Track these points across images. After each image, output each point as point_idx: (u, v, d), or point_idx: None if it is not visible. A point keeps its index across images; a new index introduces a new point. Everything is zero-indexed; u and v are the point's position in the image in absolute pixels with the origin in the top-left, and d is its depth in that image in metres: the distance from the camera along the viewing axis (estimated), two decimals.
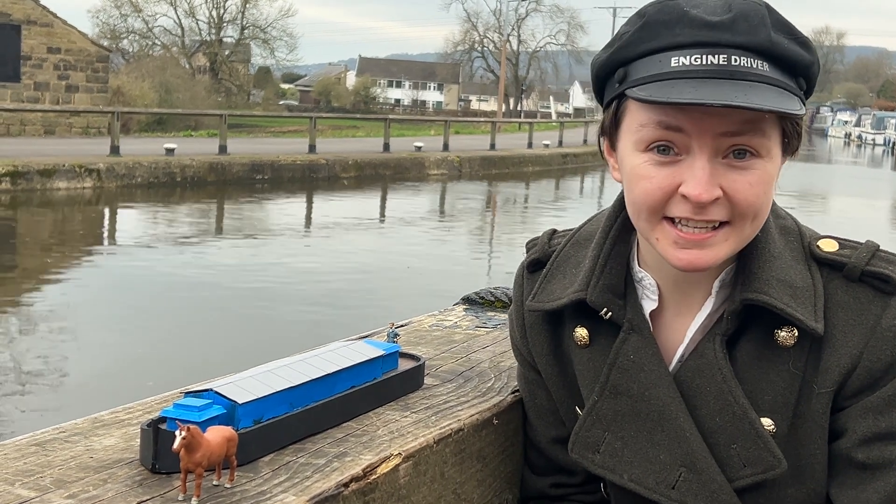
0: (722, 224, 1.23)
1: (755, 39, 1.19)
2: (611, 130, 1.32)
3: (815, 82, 1.28)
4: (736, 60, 1.18)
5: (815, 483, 1.33)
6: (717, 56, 1.18)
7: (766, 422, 1.30)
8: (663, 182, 1.22)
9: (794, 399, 1.30)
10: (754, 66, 1.19)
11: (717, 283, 1.34)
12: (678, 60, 1.20)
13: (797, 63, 1.23)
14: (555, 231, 1.57)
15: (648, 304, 1.38)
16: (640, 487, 1.36)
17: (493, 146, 33.83)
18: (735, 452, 1.31)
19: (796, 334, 1.29)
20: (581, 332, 1.42)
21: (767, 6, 1.23)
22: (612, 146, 1.33)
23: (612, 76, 1.28)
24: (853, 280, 1.30)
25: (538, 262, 1.52)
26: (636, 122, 1.25)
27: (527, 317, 1.51)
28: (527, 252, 1.56)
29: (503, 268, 14.54)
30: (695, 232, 1.23)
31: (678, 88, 1.18)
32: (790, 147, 1.28)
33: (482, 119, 55.43)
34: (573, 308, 1.42)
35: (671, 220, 1.24)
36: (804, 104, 1.25)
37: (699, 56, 1.19)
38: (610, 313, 1.38)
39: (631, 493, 1.38)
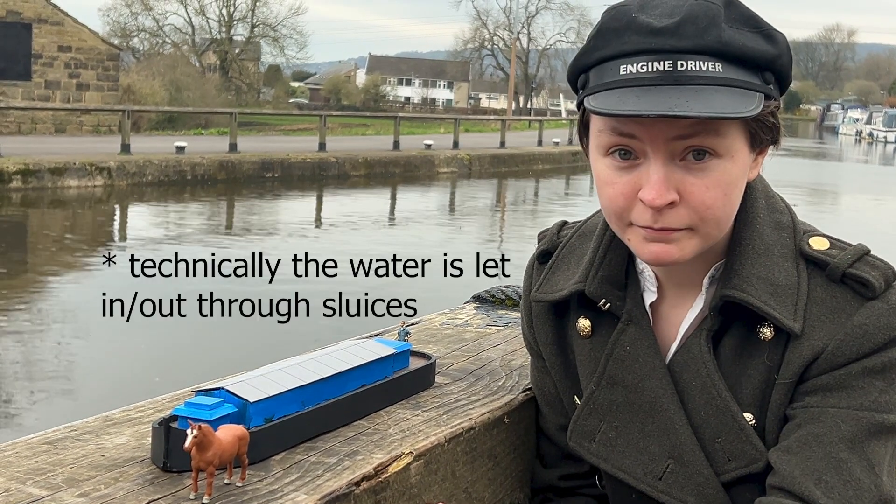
0: (683, 231, 1.23)
1: (702, 42, 1.18)
2: (581, 134, 1.34)
3: (788, 73, 1.26)
4: (682, 65, 1.17)
5: None
6: (662, 63, 1.18)
7: (748, 416, 1.31)
8: (625, 188, 1.24)
9: (769, 392, 1.30)
10: (704, 68, 1.18)
11: (706, 280, 1.34)
12: (626, 69, 1.20)
13: (757, 58, 1.21)
14: (565, 223, 1.58)
15: (649, 296, 1.40)
16: (629, 477, 1.38)
17: (502, 144, 33.79)
18: (720, 446, 1.32)
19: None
20: (584, 323, 1.44)
21: (727, 1, 1.21)
22: (586, 149, 1.35)
23: (577, 82, 1.30)
24: (834, 280, 1.28)
25: (547, 252, 1.54)
26: (596, 128, 1.27)
27: (533, 307, 1.52)
28: (538, 243, 1.57)
29: (513, 266, 14.53)
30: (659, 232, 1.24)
31: (624, 98, 1.18)
32: (759, 141, 1.26)
33: (492, 117, 55.52)
34: (577, 299, 1.44)
35: None
36: (774, 98, 1.23)
37: (645, 63, 1.19)
38: (608, 304, 1.39)
39: (623, 483, 1.39)
